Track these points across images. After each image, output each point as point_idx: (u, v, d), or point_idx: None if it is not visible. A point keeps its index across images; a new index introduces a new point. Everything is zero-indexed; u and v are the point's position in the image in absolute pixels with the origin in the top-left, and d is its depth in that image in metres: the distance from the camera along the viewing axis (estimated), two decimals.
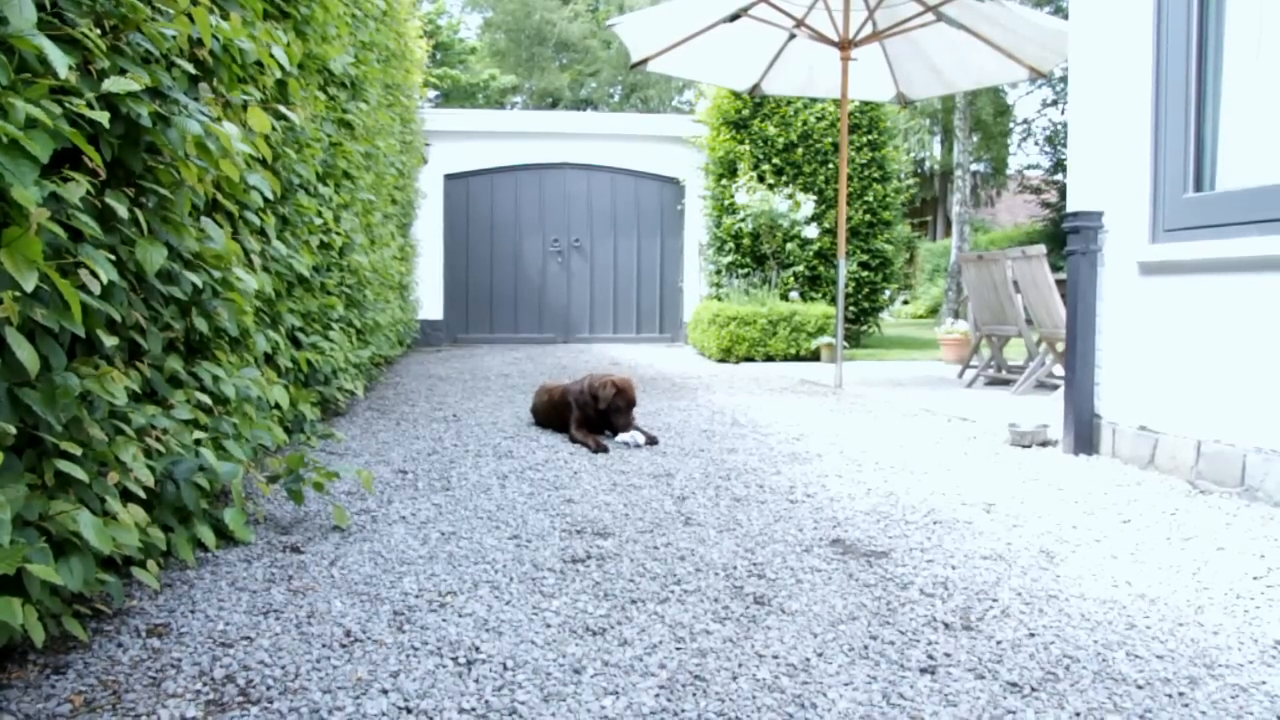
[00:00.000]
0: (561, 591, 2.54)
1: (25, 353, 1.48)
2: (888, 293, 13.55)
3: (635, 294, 13.90)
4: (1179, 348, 4.11)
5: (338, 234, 5.06)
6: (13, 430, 1.61)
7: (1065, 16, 6.04)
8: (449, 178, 13.43)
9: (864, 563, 2.83)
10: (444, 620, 2.31)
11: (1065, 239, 4.70)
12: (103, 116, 1.66)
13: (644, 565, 2.77)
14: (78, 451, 1.82)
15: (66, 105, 1.65)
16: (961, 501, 3.63)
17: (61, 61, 1.53)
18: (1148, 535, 3.17)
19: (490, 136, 13.60)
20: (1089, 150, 4.73)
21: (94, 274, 1.75)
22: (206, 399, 2.72)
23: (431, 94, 23.13)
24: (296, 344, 4.44)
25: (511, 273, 13.69)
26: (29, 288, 1.42)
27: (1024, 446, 4.88)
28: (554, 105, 34.64)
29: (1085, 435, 4.63)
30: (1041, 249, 7.05)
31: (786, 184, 12.41)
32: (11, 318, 1.44)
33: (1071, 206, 4.76)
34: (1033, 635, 2.26)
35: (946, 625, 2.32)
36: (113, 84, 1.74)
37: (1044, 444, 4.92)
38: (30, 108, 1.47)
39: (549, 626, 2.27)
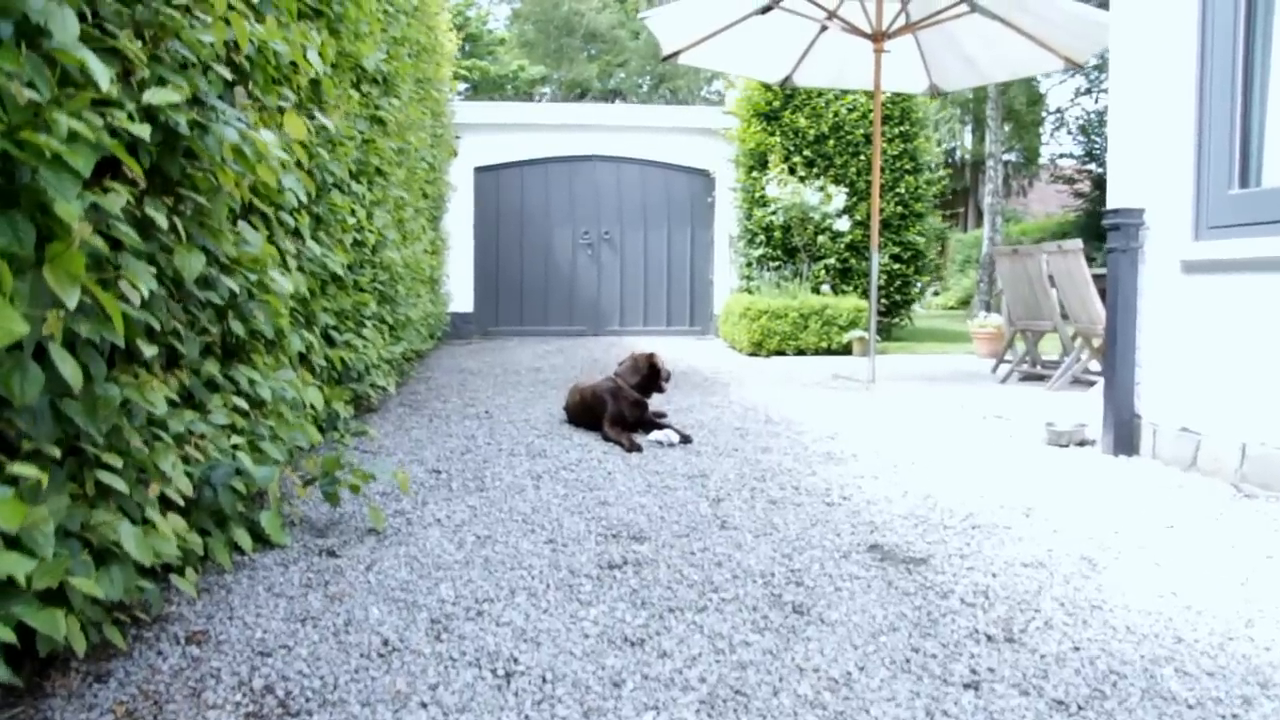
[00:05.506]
0: (599, 599, 2.52)
1: (69, 368, 1.47)
2: (919, 285, 13.42)
3: (665, 286, 13.84)
4: (1222, 347, 4.02)
5: (370, 231, 5.06)
6: (57, 453, 1.62)
7: (1101, 4, 5.93)
8: (479, 170, 13.43)
9: (903, 570, 2.79)
10: (481, 629, 2.29)
11: (1100, 230, 4.62)
12: (144, 130, 1.65)
13: (681, 572, 2.75)
14: (118, 463, 1.82)
15: (107, 118, 1.65)
16: (1000, 505, 3.58)
17: (103, 74, 1.52)
18: (1192, 542, 3.11)
19: (520, 129, 13.58)
20: (1129, 145, 4.64)
21: (134, 285, 1.74)
22: (243, 402, 2.72)
23: (461, 86, 23.13)
24: (330, 342, 4.44)
25: (541, 265, 13.67)
26: (71, 305, 1.42)
27: (1061, 446, 4.81)
28: (582, 96, 34.59)
29: (1125, 436, 4.56)
30: (1078, 243, 6.95)
31: (817, 176, 12.30)
32: (55, 334, 1.44)
33: (1111, 203, 4.67)
34: (1077, 649, 2.21)
35: (989, 637, 2.28)
36: (153, 95, 1.73)
37: (1082, 444, 4.85)
38: (73, 122, 1.46)
39: (587, 637, 2.25)
